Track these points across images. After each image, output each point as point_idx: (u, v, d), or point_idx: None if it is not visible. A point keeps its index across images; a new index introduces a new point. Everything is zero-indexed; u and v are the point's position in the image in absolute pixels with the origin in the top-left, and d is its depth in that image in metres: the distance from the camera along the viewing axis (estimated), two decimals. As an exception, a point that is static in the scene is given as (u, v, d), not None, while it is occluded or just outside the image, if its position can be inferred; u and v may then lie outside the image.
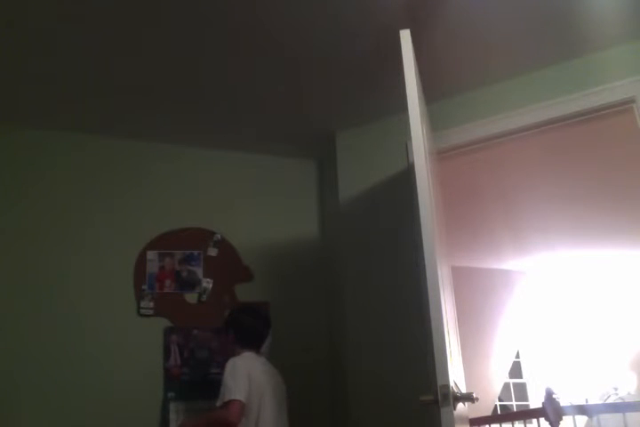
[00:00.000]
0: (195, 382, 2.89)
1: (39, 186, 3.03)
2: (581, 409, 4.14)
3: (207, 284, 3.09)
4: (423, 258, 1.73)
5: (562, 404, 3.75)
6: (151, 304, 2.99)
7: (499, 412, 5.80)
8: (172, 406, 2.81)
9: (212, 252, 3.17)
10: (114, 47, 2.49)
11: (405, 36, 1.95)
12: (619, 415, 3.73)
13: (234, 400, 2.37)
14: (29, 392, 2.69)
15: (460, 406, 1.73)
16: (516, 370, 6.20)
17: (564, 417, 3.65)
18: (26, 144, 3.07)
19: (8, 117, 2.98)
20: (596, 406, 4.83)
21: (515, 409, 6.09)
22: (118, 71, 2.66)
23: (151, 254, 3.08)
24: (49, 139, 3.10)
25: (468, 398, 1.72)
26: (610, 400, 5.84)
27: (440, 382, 1.58)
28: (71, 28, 2.36)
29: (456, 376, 1.86)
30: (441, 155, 2.79)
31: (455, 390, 1.68)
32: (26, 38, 2.41)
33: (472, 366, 4.99)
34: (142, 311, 2.97)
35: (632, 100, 2.45)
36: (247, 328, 2.67)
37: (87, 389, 2.76)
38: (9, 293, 2.81)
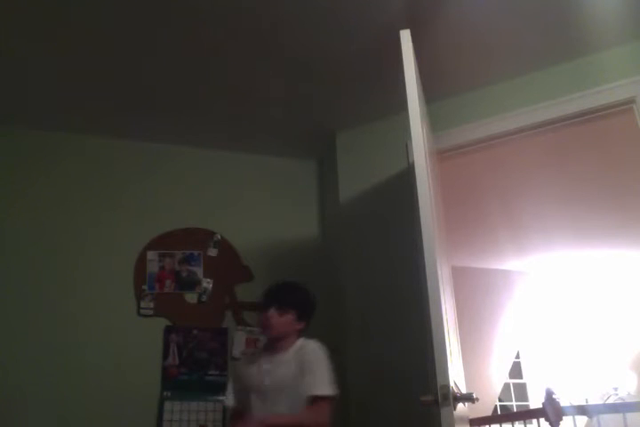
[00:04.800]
0: (192, 382, 2.89)
1: (39, 186, 3.03)
2: (581, 409, 4.13)
3: (207, 284, 3.09)
4: (423, 258, 1.73)
5: (562, 404, 3.75)
6: (151, 304, 2.98)
7: (499, 412, 5.80)
8: (167, 406, 2.81)
9: (212, 252, 3.17)
10: (114, 48, 2.49)
11: (405, 36, 1.96)
12: (619, 416, 3.73)
13: (326, 398, 2.02)
14: (29, 391, 2.68)
15: (459, 406, 1.73)
16: (516, 370, 6.20)
17: (564, 417, 3.64)
18: (25, 145, 3.07)
19: (9, 118, 2.98)
20: (596, 406, 4.82)
21: (515, 409, 6.08)
22: (119, 72, 2.66)
23: (151, 254, 3.08)
24: (49, 139, 3.11)
25: (468, 398, 1.72)
26: (610, 401, 5.84)
27: (440, 383, 1.58)
28: (72, 27, 2.36)
29: (456, 376, 1.86)
30: (441, 155, 2.79)
31: (455, 390, 1.68)
32: (26, 38, 2.41)
33: (472, 366, 4.99)
34: (142, 311, 2.96)
35: (632, 101, 2.46)
36: (313, 305, 2.29)
37: (86, 388, 2.75)
38: (9, 293, 2.81)
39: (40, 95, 2.82)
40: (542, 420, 3.65)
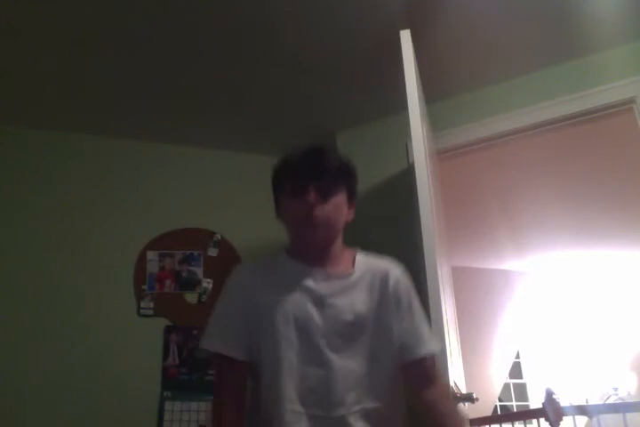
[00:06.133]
0: (192, 382, 2.89)
1: (38, 186, 3.03)
2: (581, 409, 4.14)
3: (207, 284, 3.09)
4: (423, 258, 1.73)
5: (562, 404, 3.75)
6: (151, 304, 2.98)
7: (499, 412, 5.80)
8: (168, 406, 2.81)
9: (212, 252, 3.17)
10: (113, 47, 2.49)
11: (405, 36, 1.96)
12: (619, 416, 3.73)
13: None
14: (29, 391, 2.68)
15: (459, 406, 1.73)
16: (516, 370, 6.20)
17: (564, 417, 3.64)
18: (25, 144, 3.07)
19: (8, 117, 2.97)
20: (596, 406, 4.82)
21: (515, 409, 6.08)
22: (118, 71, 2.66)
23: (151, 254, 3.08)
24: (48, 139, 3.10)
25: (468, 398, 1.73)
26: (610, 401, 5.84)
27: (440, 383, 1.58)
28: (70, 27, 2.36)
29: (456, 376, 1.86)
30: (441, 155, 2.79)
31: (455, 390, 1.68)
32: (26, 38, 2.41)
33: (472, 366, 4.99)
34: (142, 311, 2.96)
35: (632, 101, 2.46)
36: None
37: (86, 388, 2.75)
38: (9, 293, 2.81)
39: (41, 95, 2.81)
40: (542, 420, 3.65)
